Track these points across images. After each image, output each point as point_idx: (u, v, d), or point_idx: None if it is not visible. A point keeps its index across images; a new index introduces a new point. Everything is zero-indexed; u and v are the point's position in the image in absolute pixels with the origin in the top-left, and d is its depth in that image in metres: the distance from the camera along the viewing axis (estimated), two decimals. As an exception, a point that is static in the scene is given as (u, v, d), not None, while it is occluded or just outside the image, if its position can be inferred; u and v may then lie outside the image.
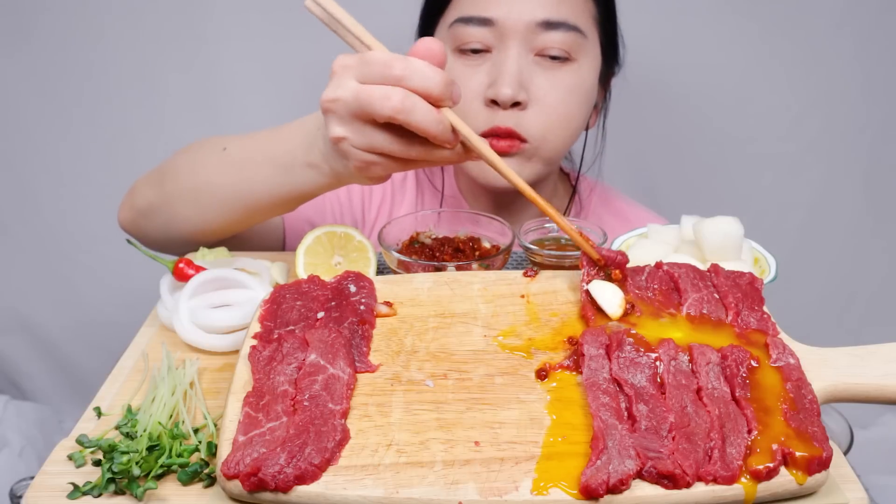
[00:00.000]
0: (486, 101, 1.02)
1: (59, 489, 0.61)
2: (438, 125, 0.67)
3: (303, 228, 1.15)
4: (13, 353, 1.78)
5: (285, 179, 0.82)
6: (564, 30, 1.01)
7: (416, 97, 0.66)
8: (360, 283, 0.76)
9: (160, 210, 0.95)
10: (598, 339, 0.67)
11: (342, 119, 0.69)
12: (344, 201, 1.18)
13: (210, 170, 0.90)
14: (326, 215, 1.16)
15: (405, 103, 0.65)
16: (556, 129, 1.04)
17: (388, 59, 0.66)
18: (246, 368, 0.66)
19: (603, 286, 0.73)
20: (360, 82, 0.67)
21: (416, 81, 0.66)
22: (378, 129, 0.69)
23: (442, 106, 0.68)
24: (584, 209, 1.25)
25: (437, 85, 0.66)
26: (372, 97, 0.66)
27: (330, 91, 0.69)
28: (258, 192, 0.86)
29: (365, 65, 0.67)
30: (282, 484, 0.55)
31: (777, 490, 0.56)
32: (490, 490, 0.55)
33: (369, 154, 0.70)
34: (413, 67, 0.66)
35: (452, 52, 1.05)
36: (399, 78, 0.65)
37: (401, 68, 0.65)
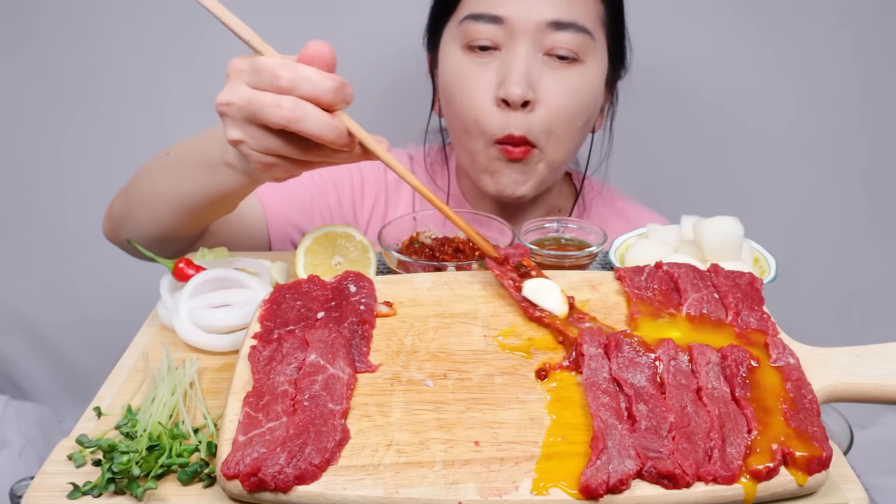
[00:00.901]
0: (497, 102, 1.02)
1: (59, 489, 0.61)
2: (332, 131, 0.66)
3: (288, 233, 1.15)
4: (13, 353, 1.78)
5: (211, 179, 0.82)
6: (573, 30, 1.01)
7: (307, 104, 0.65)
8: (360, 283, 0.76)
9: (126, 218, 0.98)
10: (596, 338, 0.67)
11: (237, 123, 0.68)
12: (333, 205, 1.18)
13: (156, 176, 0.93)
14: (315, 219, 1.16)
15: (295, 112, 0.65)
16: (563, 130, 1.05)
17: (276, 67, 0.65)
18: (246, 368, 0.66)
19: (536, 286, 0.74)
20: (253, 88, 0.66)
21: (305, 89, 0.65)
22: (273, 134, 0.68)
23: (335, 110, 0.67)
24: (588, 210, 1.26)
25: (326, 91, 0.65)
26: (263, 105, 0.65)
27: (224, 95, 0.68)
28: (191, 194, 0.87)
29: (255, 72, 0.66)
30: (282, 484, 0.55)
31: (777, 490, 0.56)
32: (490, 490, 0.55)
33: (267, 156, 0.70)
34: (301, 75, 0.65)
35: (461, 49, 1.05)
36: (287, 88, 0.65)
37: (288, 78, 0.65)
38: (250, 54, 0.68)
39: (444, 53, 1.09)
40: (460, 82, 1.05)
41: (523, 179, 1.07)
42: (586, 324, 0.71)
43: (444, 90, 1.10)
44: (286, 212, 1.14)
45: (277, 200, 1.14)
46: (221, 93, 0.68)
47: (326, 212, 1.18)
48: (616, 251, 0.96)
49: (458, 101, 1.06)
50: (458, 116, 1.08)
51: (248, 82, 0.67)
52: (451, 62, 1.07)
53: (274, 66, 0.65)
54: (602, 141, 1.22)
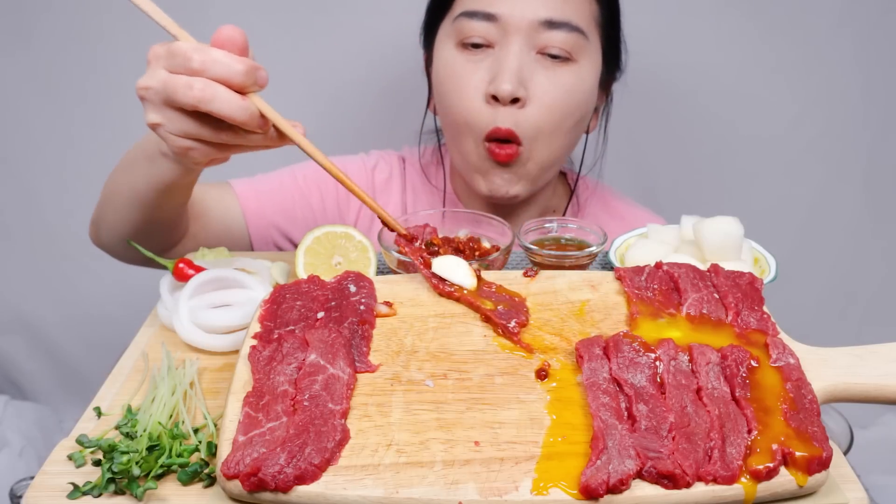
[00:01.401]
0: (487, 98, 1.03)
1: (59, 489, 0.61)
2: (243, 112, 0.68)
3: (272, 236, 1.16)
4: (13, 353, 1.78)
5: (152, 170, 0.84)
6: (567, 30, 1.02)
7: (218, 86, 0.67)
8: (360, 283, 0.76)
9: (100, 220, 1.00)
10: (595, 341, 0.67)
11: (155, 106, 0.70)
12: (317, 208, 1.19)
13: (115, 174, 0.96)
14: (297, 221, 1.17)
15: (206, 92, 0.67)
16: (553, 128, 1.05)
17: (188, 50, 0.67)
18: (246, 368, 0.66)
19: (445, 262, 0.77)
20: (169, 72, 0.69)
21: (215, 71, 0.67)
22: (188, 117, 0.70)
23: (247, 92, 0.69)
24: (582, 210, 1.26)
25: (237, 73, 0.67)
26: (176, 86, 0.67)
27: (143, 80, 0.70)
28: (139, 187, 0.89)
29: (171, 56, 0.68)
30: (282, 484, 0.55)
31: (777, 490, 0.56)
32: (490, 490, 0.55)
33: (184, 139, 0.72)
34: (211, 58, 0.67)
35: (455, 47, 1.06)
36: (198, 70, 0.67)
37: (199, 61, 0.67)
38: (169, 40, 0.70)
39: (438, 50, 1.09)
40: (453, 79, 1.06)
41: (515, 179, 1.07)
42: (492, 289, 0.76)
43: (437, 86, 1.10)
44: (266, 213, 1.15)
45: (257, 202, 1.14)
46: (141, 78, 0.71)
47: (310, 214, 1.18)
48: (616, 251, 0.96)
49: (449, 97, 1.07)
50: (449, 112, 1.08)
51: (165, 66, 0.69)
52: (445, 59, 1.07)
53: (187, 49, 0.67)
54: (597, 141, 1.22)
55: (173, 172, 0.83)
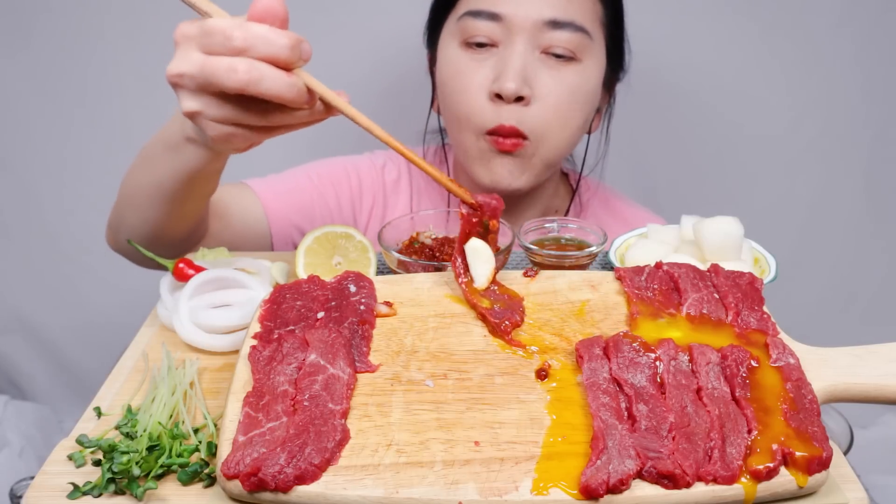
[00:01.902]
0: (490, 96, 1.03)
1: (59, 489, 0.61)
2: (291, 89, 0.63)
3: (291, 235, 1.15)
4: (13, 353, 1.78)
5: (176, 159, 0.80)
6: (571, 30, 1.02)
7: (263, 65, 0.62)
8: (360, 283, 0.76)
9: (120, 222, 0.97)
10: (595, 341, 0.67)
11: (192, 93, 0.65)
12: (333, 207, 1.19)
13: (134, 172, 0.92)
14: (315, 220, 1.17)
15: (252, 74, 0.61)
16: (558, 126, 1.05)
17: (228, 28, 0.61)
18: (246, 368, 0.66)
19: (478, 250, 0.76)
20: (204, 53, 0.63)
21: (260, 49, 0.62)
22: (230, 101, 0.65)
23: (293, 68, 0.64)
24: (584, 210, 1.26)
25: (282, 48, 0.62)
26: (217, 70, 0.62)
27: (174, 65, 0.64)
28: (163, 180, 0.85)
29: (206, 35, 0.62)
30: (282, 484, 0.55)
31: (777, 490, 0.56)
32: (490, 490, 0.55)
33: (226, 126, 0.67)
34: (255, 34, 0.61)
35: (459, 46, 1.06)
36: (241, 49, 0.61)
37: (241, 38, 0.61)
38: (198, 18, 0.64)
39: (442, 50, 1.10)
40: (456, 77, 1.06)
41: (518, 172, 1.07)
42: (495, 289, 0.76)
43: (441, 85, 1.10)
44: (288, 214, 1.15)
45: (278, 203, 1.14)
46: (171, 62, 0.65)
47: (327, 213, 1.18)
48: (616, 251, 0.96)
49: (452, 94, 1.07)
50: (451, 110, 1.09)
51: (199, 47, 0.63)
52: (449, 58, 1.07)
53: (225, 26, 0.61)
54: (599, 142, 1.22)
55: (201, 159, 0.78)
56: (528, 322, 0.73)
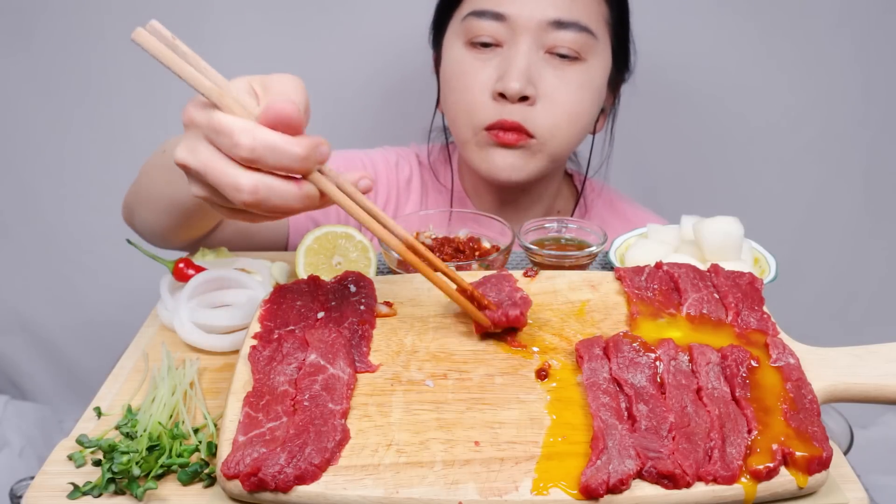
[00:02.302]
0: (493, 95, 1.03)
1: (59, 489, 0.61)
2: (301, 201, 0.59)
3: (307, 226, 1.15)
4: (13, 353, 1.78)
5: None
6: (575, 30, 1.02)
7: (271, 180, 0.57)
8: (360, 283, 0.76)
9: (135, 209, 0.97)
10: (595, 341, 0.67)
11: (198, 183, 0.61)
12: None
13: (153, 176, 0.90)
14: (331, 215, 1.17)
15: (258, 196, 0.57)
16: (563, 126, 1.05)
17: (237, 132, 0.56)
18: (246, 368, 0.66)
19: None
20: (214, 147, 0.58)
21: (268, 161, 0.57)
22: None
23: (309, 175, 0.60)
24: (589, 212, 1.26)
25: (293, 160, 0.57)
26: (222, 185, 0.58)
27: (181, 152, 0.60)
28: (182, 198, 0.84)
29: (214, 132, 0.57)
30: (282, 484, 0.55)
31: (777, 490, 0.56)
32: (490, 490, 0.55)
33: (238, 213, 0.63)
34: (264, 143, 0.56)
35: (464, 46, 1.06)
36: (248, 160, 0.56)
37: (248, 148, 0.56)
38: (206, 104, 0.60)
39: (446, 49, 1.10)
40: (460, 76, 1.06)
41: (519, 165, 1.06)
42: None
43: (445, 83, 1.11)
44: None
45: None
46: (179, 149, 0.60)
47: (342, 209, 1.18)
48: (616, 251, 0.96)
49: (455, 93, 1.07)
50: (453, 107, 1.09)
51: (207, 139, 0.59)
52: (453, 57, 1.07)
53: (233, 129, 0.56)
54: (603, 142, 1.22)
55: None
56: (528, 322, 0.73)
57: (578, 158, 1.28)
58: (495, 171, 1.07)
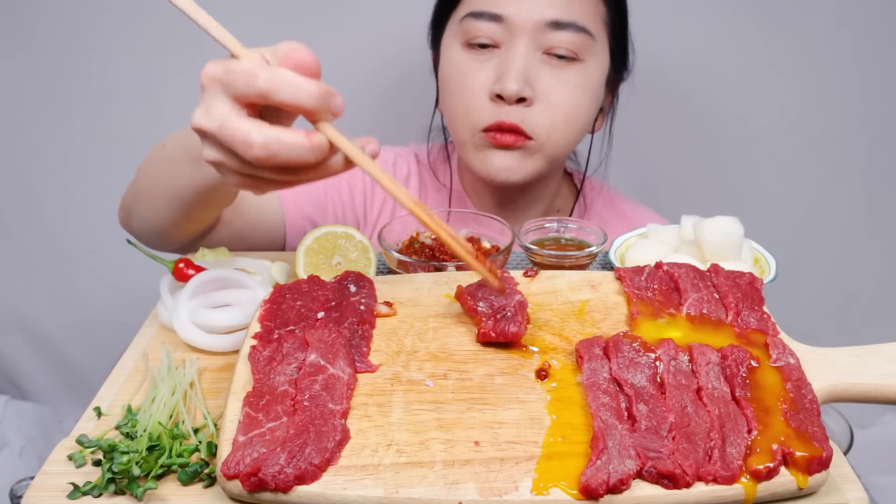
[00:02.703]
0: (491, 96, 1.03)
1: (59, 489, 0.61)
2: (311, 153, 0.60)
3: (304, 227, 1.15)
4: (13, 353, 1.78)
5: (197, 172, 0.79)
6: (573, 30, 1.02)
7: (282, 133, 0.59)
8: (360, 283, 0.76)
9: (134, 209, 0.97)
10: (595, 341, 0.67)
11: (212, 146, 0.62)
12: (346, 201, 1.19)
13: (152, 169, 0.91)
14: (328, 214, 1.17)
15: (269, 150, 0.58)
16: (561, 127, 1.05)
17: (254, 68, 0.58)
18: (246, 368, 0.66)
19: None
20: (229, 97, 0.60)
21: (284, 94, 0.58)
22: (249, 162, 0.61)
23: (319, 120, 0.61)
24: (589, 210, 1.26)
25: (308, 96, 0.58)
26: (234, 141, 0.59)
27: (197, 115, 0.61)
28: (182, 187, 0.84)
29: (230, 74, 0.59)
30: (282, 484, 0.55)
31: (777, 490, 0.56)
32: (490, 490, 0.55)
33: (248, 179, 0.64)
34: (282, 77, 0.58)
35: (461, 46, 1.06)
36: (265, 92, 0.58)
37: (266, 80, 0.58)
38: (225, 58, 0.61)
39: (444, 50, 1.10)
40: (458, 77, 1.06)
41: (517, 166, 1.06)
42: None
43: (443, 84, 1.11)
44: (301, 205, 1.15)
45: (293, 194, 1.14)
46: (195, 113, 0.62)
47: (339, 207, 1.18)
48: (616, 251, 0.96)
49: (453, 93, 1.07)
50: (451, 108, 1.09)
51: (223, 91, 0.60)
52: (451, 58, 1.07)
53: (251, 66, 0.58)
54: (602, 141, 1.22)
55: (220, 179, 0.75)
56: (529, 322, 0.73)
57: (578, 157, 1.28)
58: (493, 172, 1.07)
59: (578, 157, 1.28)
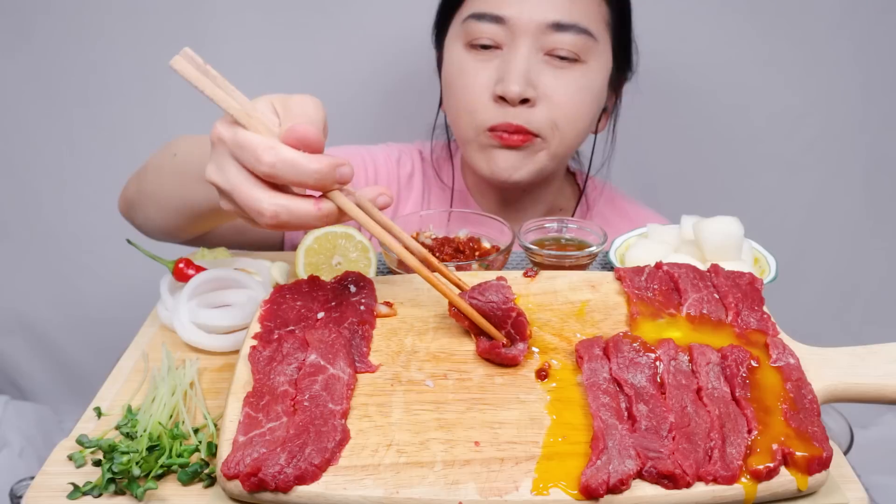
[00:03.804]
0: (494, 97, 1.03)
1: (59, 489, 0.61)
2: (320, 220, 0.63)
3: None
4: (13, 353, 1.78)
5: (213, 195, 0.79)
6: (575, 32, 1.02)
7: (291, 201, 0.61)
8: (360, 283, 0.76)
9: (138, 206, 0.99)
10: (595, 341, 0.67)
11: (228, 201, 0.65)
12: None
13: (164, 176, 0.93)
14: None
15: (279, 219, 0.61)
16: (564, 126, 1.05)
17: (259, 148, 0.60)
18: (246, 368, 0.66)
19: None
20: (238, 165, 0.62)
21: (288, 176, 0.60)
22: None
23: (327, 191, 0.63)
24: (591, 210, 1.26)
25: (310, 176, 0.60)
26: (247, 207, 0.62)
27: (211, 170, 0.65)
28: (197, 203, 0.87)
29: (238, 148, 0.61)
30: (282, 484, 0.55)
31: (777, 490, 0.56)
32: (490, 490, 0.55)
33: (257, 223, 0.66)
34: (284, 159, 0.60)
35: (464, 47, 1.06)
36: (269, 175, 0.60)
37: (269, 164, 0.60)
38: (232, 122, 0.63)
39: (447, 50, 1.10)
40: (461, 77, 1.06)
41: (521, 165, 1.07)
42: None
43: (446, 84, 1.11)
44: None
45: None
46: (209, 167, 0.65)
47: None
48: (616, 251, 0.96)
49: (456, 93, 1.07)
50: (455, 108, 1.09)
51: (233, 157, 0.63)
52: (454, 58, 1.08)
53: (257, 147, 0.60)
54: (605, 142, 1.22)
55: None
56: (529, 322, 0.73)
57: (580, 157, 1.28)
58: (497, 171, 1.07)
59: (581, 157, 1.28)
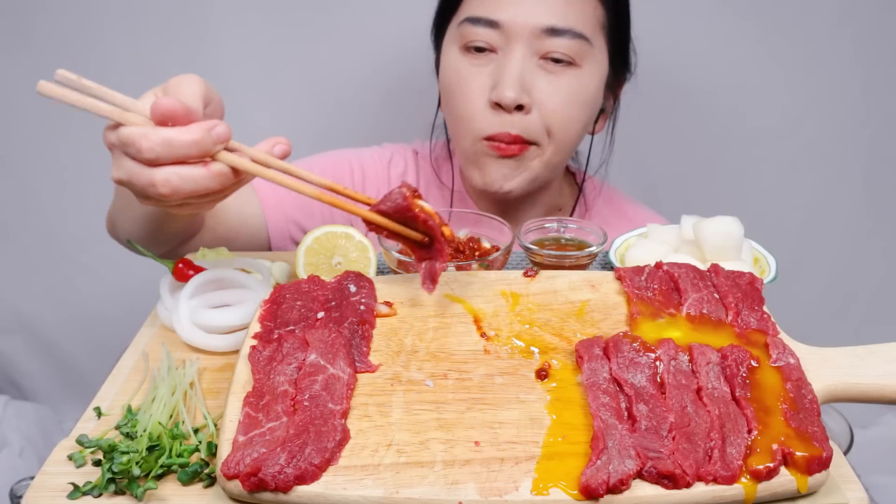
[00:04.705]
0: (490, 104, 1.03)
1: (59, 489, 0.61)
2: (214, 180, 0.65)
3: (289, 230, 1.15)
4: (13, 353, 1.78)
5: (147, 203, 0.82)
6: (569, 37, 1.02)
7: (180, 169, 0.63)
8: (360, 283, 0.76)
9: (116, 220, 0.99)
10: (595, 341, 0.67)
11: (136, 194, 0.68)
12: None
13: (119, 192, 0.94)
14: (315, 215, 1.16)
15: (171, 185, 0.63)
16: (558, 132, 1.05)
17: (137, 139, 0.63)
18: (246, 368, 0.66)
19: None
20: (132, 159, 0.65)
21: (168, 155, 0.63)
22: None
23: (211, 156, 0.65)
24: (590, 210, 1.26)
25: (188, 146, 0.63)
26: (142, 188, 0.65)
27: (114, 172, 0.68)
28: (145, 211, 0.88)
29: (123, 145, 0.64)
30: (282, 484, 0.55)
31: (777, 490, 0.56)
32: (490, 490, 0.55)
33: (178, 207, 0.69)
34: (159, 141, 0.62)
35: (459, 50, 1.06)
36: (152, 161, 0.63)
37: (148, 150, 0.62)
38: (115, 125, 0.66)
39: (444, 53, 1.10)
40: (457, 81, 1.06)
41: (513, 174, 1.07)
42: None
43: (443, 87, 1.11)
44: (285, 209, 1.14)
45: (276, 197, 1.14)
46: (112, 170, 0.68)
47: (326, 208, 1.17)
48: (616, 251, 0.96)
49: (453, 98, 1.07)
50: (452, 112, 1.09)
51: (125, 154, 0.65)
52: (450, 62, 1.08)
53: (133, 137, 0.63)
54: (604, 143, 1.22)
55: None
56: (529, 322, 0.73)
57: (579, 157, 1.28)
58: (489, 182, 1.08)
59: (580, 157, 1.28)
